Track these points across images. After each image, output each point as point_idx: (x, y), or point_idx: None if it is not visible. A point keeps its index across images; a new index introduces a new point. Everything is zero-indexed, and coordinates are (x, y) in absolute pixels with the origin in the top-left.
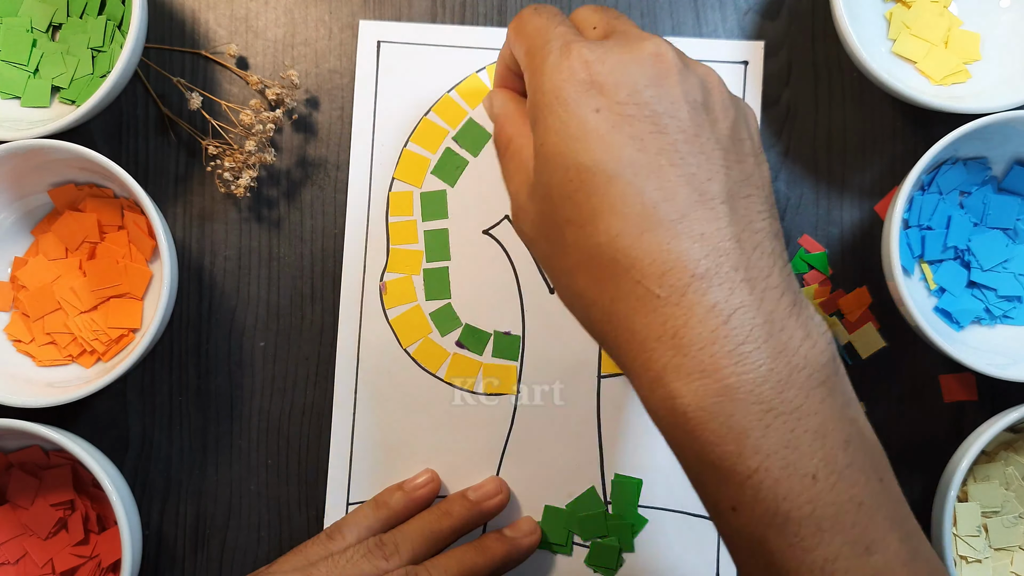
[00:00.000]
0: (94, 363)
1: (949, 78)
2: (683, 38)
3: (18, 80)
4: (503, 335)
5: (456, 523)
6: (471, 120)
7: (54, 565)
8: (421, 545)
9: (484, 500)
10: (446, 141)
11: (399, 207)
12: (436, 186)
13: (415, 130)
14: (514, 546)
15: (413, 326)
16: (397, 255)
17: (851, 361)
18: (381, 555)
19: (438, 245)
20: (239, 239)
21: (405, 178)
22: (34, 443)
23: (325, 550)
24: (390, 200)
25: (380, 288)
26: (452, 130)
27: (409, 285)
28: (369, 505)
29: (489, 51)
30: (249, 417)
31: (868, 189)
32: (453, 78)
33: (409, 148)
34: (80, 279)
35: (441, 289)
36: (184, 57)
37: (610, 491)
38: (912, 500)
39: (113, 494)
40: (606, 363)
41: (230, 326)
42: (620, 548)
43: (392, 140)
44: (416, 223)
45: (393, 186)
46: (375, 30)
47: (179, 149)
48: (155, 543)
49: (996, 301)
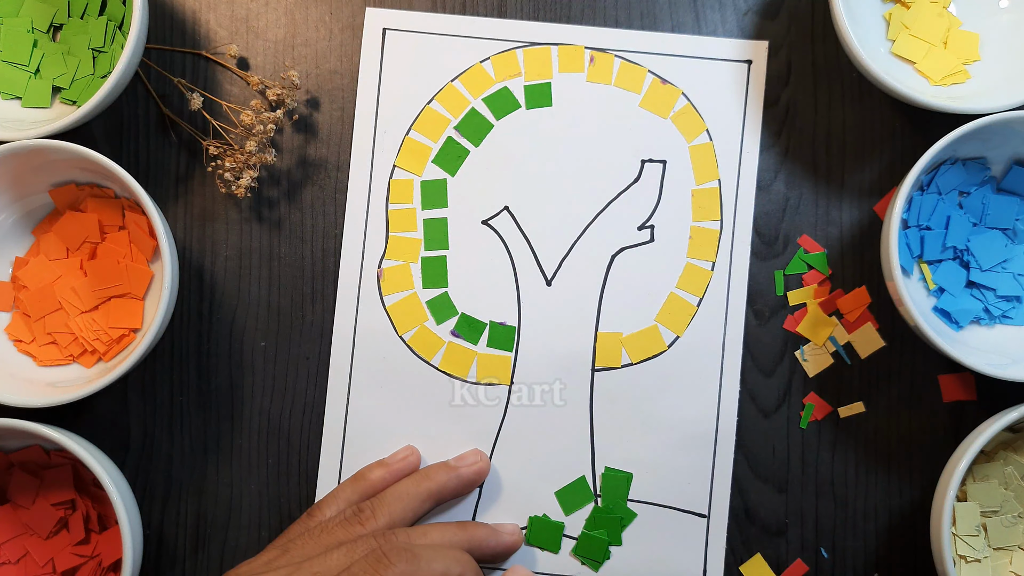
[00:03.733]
0: (95, 363)
1: (948, 78)
2: (685, 35)
3: (19, 80)
4: (499, 325)
5: (433, 485)
6: (473, 110)
7: (55, 564)
8: (398, 508)
9: (463, 466)
10: (448, 130)
11: (399, 195)
12: (437, 175)
13: (417, 118)
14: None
15: (409, 313)
16: (396, 242)
17: (850, 361)
18: (357, 521)
19: (437, 234)
20: (239, 239)
21: (406, 166)
22: (35, 443)
23: (304, 527)
24: (391, 188)
25: (377, 275)
26: (454, 119)
27: (407, 272)
28: (349, 481)
29: (493, 41)
30: (249, 417)
31: (867, 189)
32: (457, 67)
33: (411, 136)
34: (81, 279)
35: (439, 277)
36: (185, 58)
37: (600, 484)
38: (911, 500)
39: (114, 493)
40: (600, 356)
41: (230, 326)
42: (608, 541)
43: (394, 128)
44: (416, 211)
45: (394, 174)
46: (381, 18)
47: (180, 149)
48: (155, 543)
49: (995, 301)
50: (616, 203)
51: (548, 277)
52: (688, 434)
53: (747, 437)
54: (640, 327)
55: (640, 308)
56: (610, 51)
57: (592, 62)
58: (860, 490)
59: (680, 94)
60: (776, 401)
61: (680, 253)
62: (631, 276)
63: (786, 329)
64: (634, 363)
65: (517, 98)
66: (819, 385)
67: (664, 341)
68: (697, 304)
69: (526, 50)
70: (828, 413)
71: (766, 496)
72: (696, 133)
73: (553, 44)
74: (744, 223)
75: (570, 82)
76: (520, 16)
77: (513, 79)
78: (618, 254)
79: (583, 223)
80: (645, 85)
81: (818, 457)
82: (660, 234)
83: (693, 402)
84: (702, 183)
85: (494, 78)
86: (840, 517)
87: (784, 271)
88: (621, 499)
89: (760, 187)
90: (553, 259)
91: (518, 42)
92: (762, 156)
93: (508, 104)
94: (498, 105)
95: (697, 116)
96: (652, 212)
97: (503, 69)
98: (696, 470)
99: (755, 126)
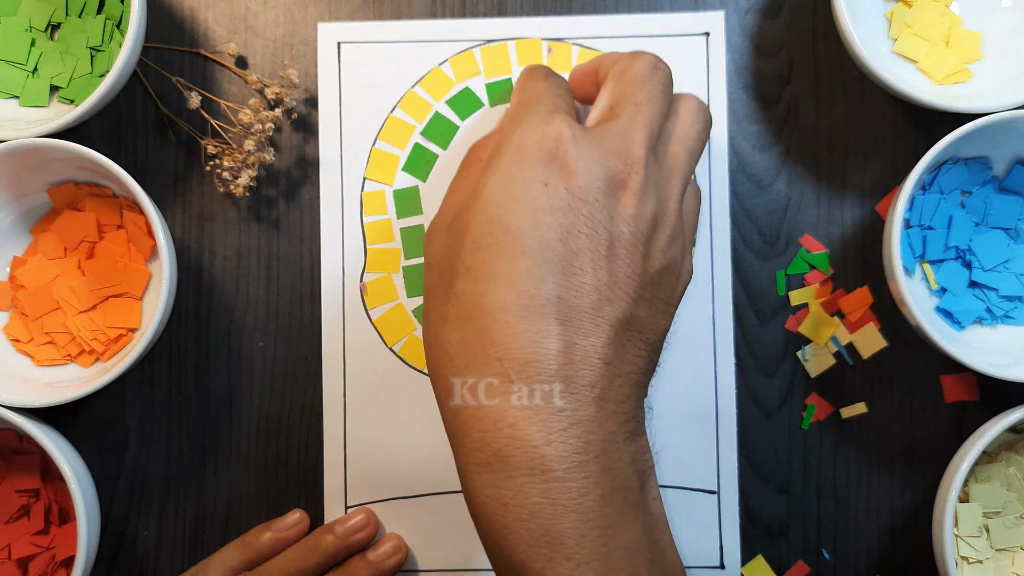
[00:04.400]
0: (93, 363)
1: (950, 77)
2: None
3: (17, 79)
4: None
5: (322, 559)
6: (437, 113)
7: (11, 551)
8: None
9: (351, 534)
10: (414, 136)
11: (373, 206)
12: (408, 183)
13: (382, 128)
14: (378, 569)
15: (397, 324)
16: (375, 255)
17: (852, 362)
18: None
19: (415, 241)
20: (238, 239)
21: (376, 177)
22: (8, 427)
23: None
24: (363, 200)
25: (360, 289)
26: (419, 125)
27: (389, 284)
28: (236, 545)
29: (451, 43)
30: (248, 417)
31: (869, 189)
32: (416, 73)
33: (378, 147)
34: (79, 278)
35: (422, 286)
36: (183, 56)
37: None
38: (913, 500)
39: (74, 485)
40: None
41: (229, 326)
42: None
43: (360, 140)
44: (391, 221)
45: (365, 186)
46: (334, 32)
47: (178, 148)
48: (155, 543)
49: (997, 301)
50: None
51: None
52: (688, 412)
53: (748, 438)
54: None
55: None
56: (567, 40)
57: (550, 53)
58: (862, 491)
59: None
60: (777, 402)
61: None
62: None
63: (787, 329)
64: None
65: (480, 97)
66: (821, 386)
67: None
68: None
69: (483, 48)
70: (830, 414)
71: (767, 497)
72: None
73: (510, 39)
74: (720, 198)
75: None
76: (484, 15)
77: (473, 78)
78: None
79: None
80: None
81: (820, 458)
82: None
83: (690, 381)
84: None
85: (454, 80)
86: (842, 518)
87: (786, 271)
88: None
89: (761, 187)
90: None
91: (474, 41)
92: (763, 156)
93: (471, 104)
94: (461, 106)
95: None
96: None
97: (462, 70)
98: (700, 448)
99: (720, 98)
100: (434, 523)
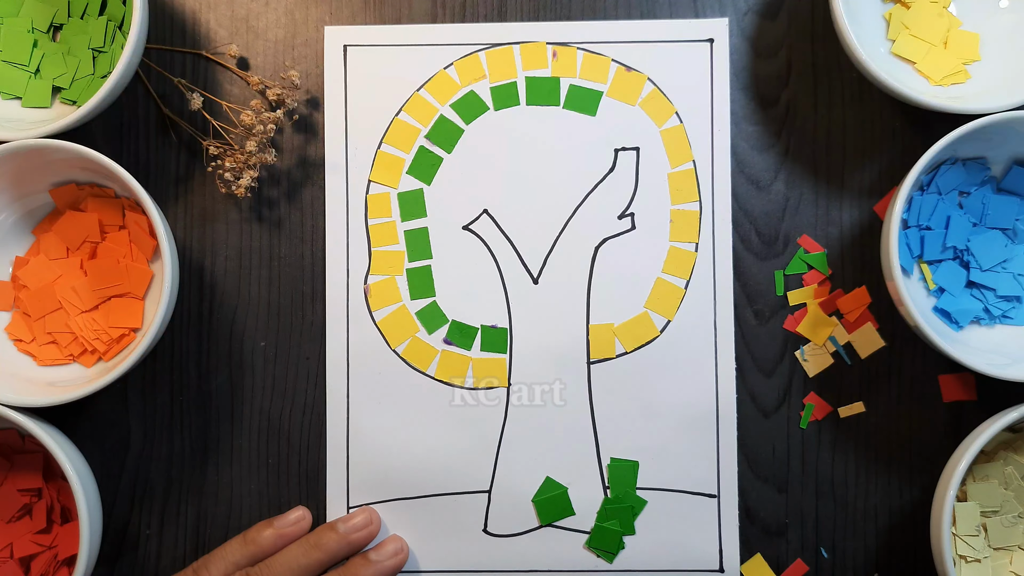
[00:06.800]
0: (95, 363)
1: (948, 78)
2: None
3: (19, 80)
4: (490, 328)
5: (324, 556)
6: (442, 117)
7: (13, 550)
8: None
9: (353, 532)
10: (419, 140)
11: (378, 209)
12: (412, 185)
13: (387, 131)
14: (379, 569)
15: (400, 326)
16: (379, 257)
17: (850, 361)
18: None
19: (419, 244)
20: (240, 239)
21: (381, 180)
22: (12, 427)
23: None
24: (368, 203)
25: (364, 291)
26: (424, 128)
27: (393, 286)
28: (238, 540)
29: (456, 47)
30: (249, 417)
31: (867, 189)
32: (421, 77)
33: (383, 149)
34: (81, 279)
35: (425, 287)
36: (185, 58)
37: (608, 475)
38: (911, 499)
39: (76, 485)
40: (595, 349)
41: (230, 326)
42: (621, 531)
43: (365, 143)
44: (395, 224)
45: (370, 189)
46: (340, 35)
47: (180, 149)
48: (156, 542)
49: (995, 301)
50: (594, 195)
51: (534, 275)
52: (689, 416)
53: (747, 437)
54: (631, 315)
55: (629, 296)
56: (572, 44)
57: (555, 57)
58: (860, 490)
59: (646, 80)
60: (776, 401)
61: (662, 238)
62: (616, 265)
63: (786, 329)
64: (628, 352)
65: (484, 100)
66: (819, 385)
67: (656, 327)
68: (685, 287)
69: (488, 52)
70: (828, 413)
71: (766, 496)
72: (666, 117)
73: (515, 43)
74: (723, 200)
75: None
76: (484, 19)
77: (478, 82)
78: (601, 245)
79: (563, 218)
80: (610, 74)
81: (818, 457)
82: (641, 221)
83: (691, 383)
84: (677, 166)
85: (459, 83)
86: (840, 517)
87: (784, 271)
88: (630, 488)
89: (759, 187)
90: (537, 257)
91: (480, 44)
92: (761, 156)
93: (476, 107)
94: (466, 109)
95: (665, 100)
96: (631, 200)
97: (467, 73)
98: (701, 451)
99: (724, 104)
100: (435, 524)
